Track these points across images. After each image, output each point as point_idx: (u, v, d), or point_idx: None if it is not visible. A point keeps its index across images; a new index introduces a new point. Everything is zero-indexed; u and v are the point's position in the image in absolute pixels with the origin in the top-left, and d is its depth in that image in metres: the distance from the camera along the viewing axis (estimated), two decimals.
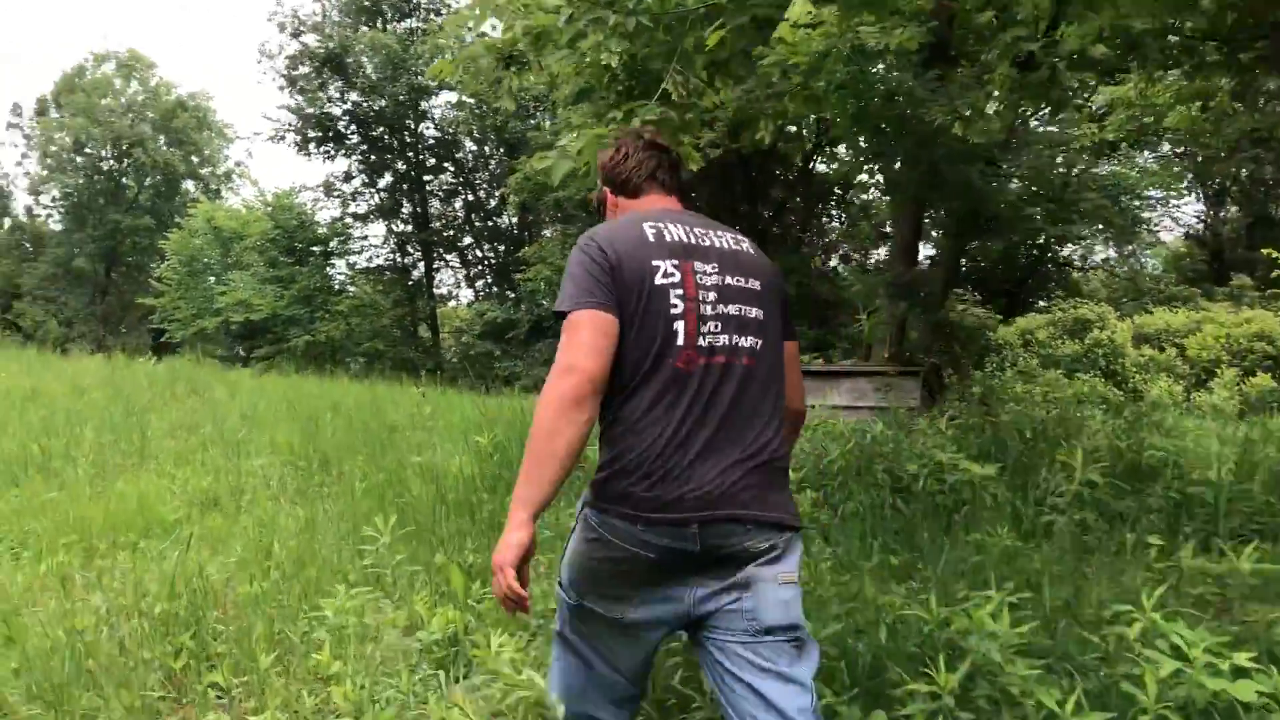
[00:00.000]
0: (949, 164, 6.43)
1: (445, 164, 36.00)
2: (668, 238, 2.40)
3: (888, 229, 21.54)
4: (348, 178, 36.17)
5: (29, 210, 47.97)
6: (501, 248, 36.05)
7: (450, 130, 35.07)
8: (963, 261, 28.27)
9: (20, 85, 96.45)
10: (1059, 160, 6.73)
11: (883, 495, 5.78)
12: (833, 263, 23.38)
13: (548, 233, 32.26)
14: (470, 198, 36.26)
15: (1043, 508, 5.64)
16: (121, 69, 46.62)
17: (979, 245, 24.60)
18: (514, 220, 35.49)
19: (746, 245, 2.54)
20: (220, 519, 5.73)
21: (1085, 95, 8.21)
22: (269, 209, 30.88)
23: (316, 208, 31.98)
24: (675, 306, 2.31)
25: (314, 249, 30.72)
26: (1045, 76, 5.15)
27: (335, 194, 36.01)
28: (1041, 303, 30.50)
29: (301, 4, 47.51)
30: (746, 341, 2.37)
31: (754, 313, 2.40)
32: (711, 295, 2.36)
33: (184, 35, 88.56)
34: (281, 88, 34.78)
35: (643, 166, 2.66)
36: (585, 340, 2.24)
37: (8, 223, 49.13)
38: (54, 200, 45.53)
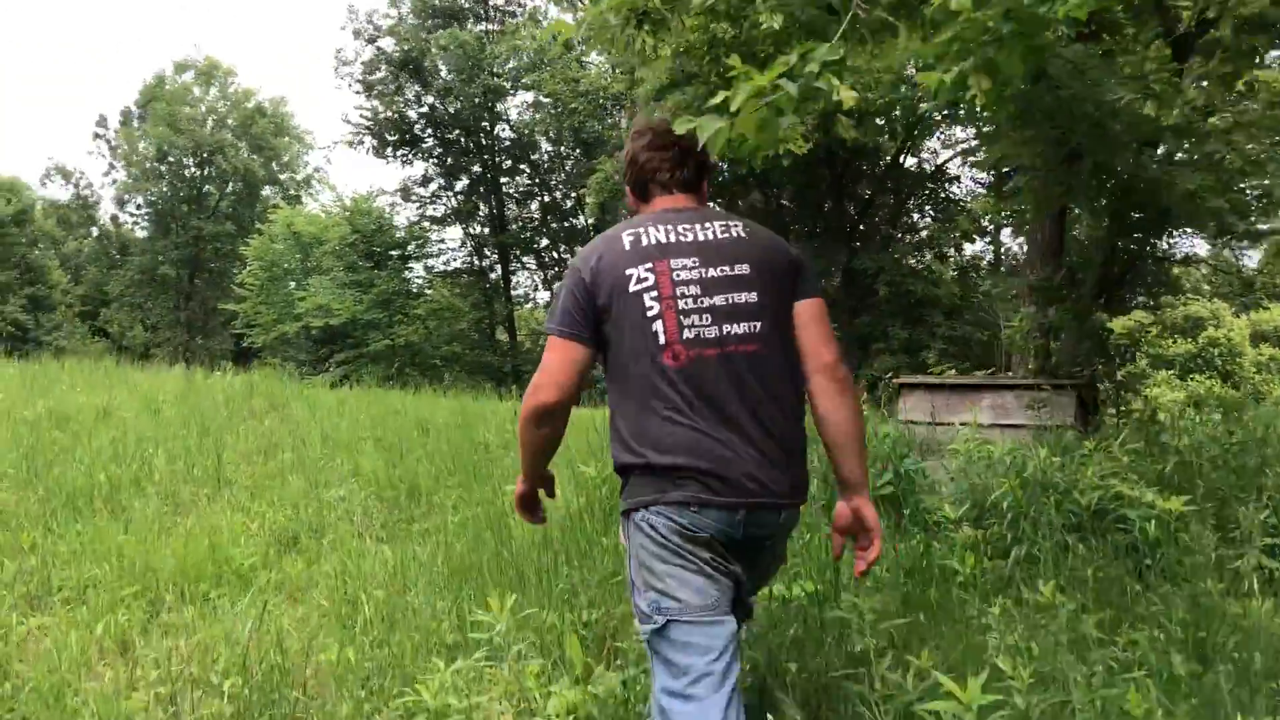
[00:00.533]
0: (1118, 151, 5.53)
1: (521, 165, 35.55)
2: (644, 242, 2.46)
3: (985, 223, 20.43)
4: (425, 181, 35.94)
5: (114, 219, 48.65)
6: (578, 249, 35.52)
7: (526, 131, 34.60)
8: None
9: (104, 97, 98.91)
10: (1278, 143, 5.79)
11: (1057, 536, 4.91)
12: (927, 259, 22.26)
13: None
14: (546, 199, 35.76)
15: (1248, 548, 4.74)
16: (200, 76, 47.04)
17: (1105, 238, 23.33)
18: (591, 221, 34.89)
19: (738, 230, 2.52)
20: (300, 563, 5.06)
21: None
22: (347, 214, 30.66)
23: (394, 212, 31.66)
24: (651, 309, 2.38)
25: (392, 253, 30.41)
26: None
27: (412, 198, 35.78)
28: (1140, 299, 29.04)
29: (376, 8, 47.43)
30: (740, 328, 2.39)
31: (745, 298, 2.41)
32: (693, 289, 2.40)
33: (263, 47, 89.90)
34: (358, 92, 34.61)
35: (644, 170, 2.65)
36: (552, 368, 2.43)
37: (95, 231, 49.88)
38: (139, 208, 46.09)
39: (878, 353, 20.52)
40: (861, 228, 22.70)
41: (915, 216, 23.98)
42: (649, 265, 2.41)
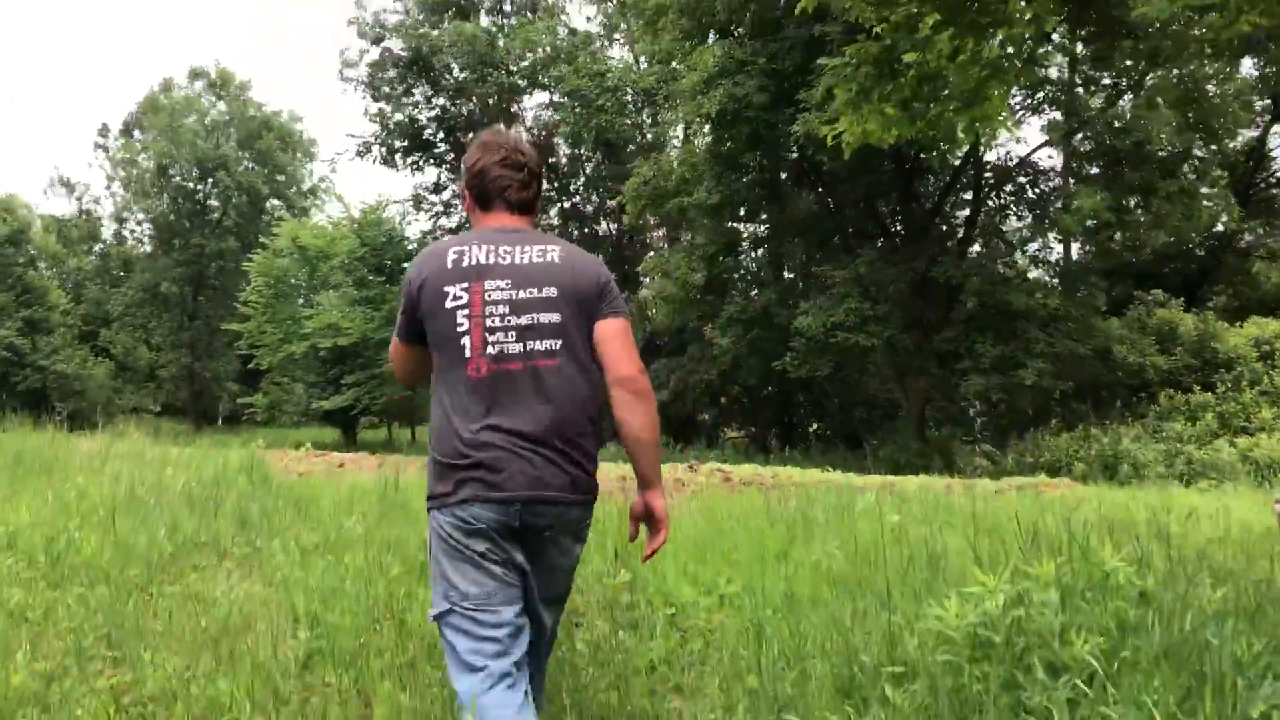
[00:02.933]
0: None
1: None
2: (465, 262, 2.52)
3: (1091, 223, 17.00)
4: (437, 188, 32.62)
5: (116, 235, 45.36)
6: (600, 256, 32.25)
7: (543, 133, 31.25)
8: (1125, 254, 23.65)
9: (109, 102, 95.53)
10: None
11: None
12: (1020, 263, 18.79)
13: (659, 233, 28.32)
14: (566, 205, 32.38)
15: None
16: (211, 88, 43.83)
17: (1134, 231, 20.08)
18: (614, 228, 31.60)
19: (554, 255, 2.57)
20: None
21: None
22: (355, 225, 27.41)
23: (405, 222, 28.28)
24: (461, 325, 2.48)
25: (404, 266, 27.11)
26: None
27: (425, 207, 32.50)
28: (1221, 299, 25.82)
29: (384, 6, 43.84)
30: (543, 345, 2.48)
31: (548, 318, 2.50)
32: (501, 309, 2.48)
33: (270, 50, 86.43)
34: (364, 96, 31.29)
35: (494, 184, 2.67)
36: (396, 364, 2.77)
37: (99, 248, 46.63)
38: (139, 224, 42.88)
39: (964, 372, 17.17)
40: (936, 229, 19.28)
41: (997, 218, 20.48)
42: (465, 285, 2.49)
